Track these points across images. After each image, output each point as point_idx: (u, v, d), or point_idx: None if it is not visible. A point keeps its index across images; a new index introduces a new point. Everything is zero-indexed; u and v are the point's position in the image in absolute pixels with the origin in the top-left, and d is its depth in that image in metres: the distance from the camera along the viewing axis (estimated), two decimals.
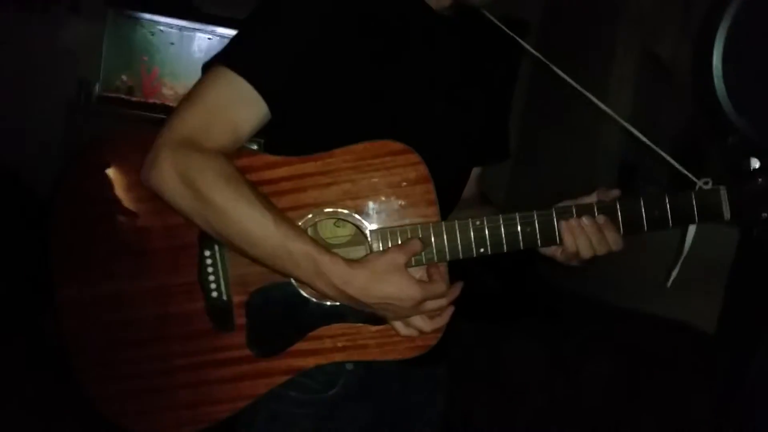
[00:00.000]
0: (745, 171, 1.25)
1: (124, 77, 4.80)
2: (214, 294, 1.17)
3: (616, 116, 1.40)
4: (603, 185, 1.32)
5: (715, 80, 1.48)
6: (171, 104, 4.60)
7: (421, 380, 1.35)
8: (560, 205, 1.22)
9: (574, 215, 1.19)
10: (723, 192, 1.20)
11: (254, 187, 1.10)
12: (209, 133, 1.09)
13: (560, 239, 1.19)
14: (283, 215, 1.09)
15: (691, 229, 1.27)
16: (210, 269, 1.17)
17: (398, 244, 1.13)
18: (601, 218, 1.19)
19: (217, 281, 1.17)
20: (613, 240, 1.19)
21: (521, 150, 3.16)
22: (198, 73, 1.15)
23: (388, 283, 1.08)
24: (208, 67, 1.13)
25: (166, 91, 4.84)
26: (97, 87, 4.66)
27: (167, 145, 1.08)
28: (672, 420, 2.27)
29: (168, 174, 1.07)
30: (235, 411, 1.19)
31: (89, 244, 1.20)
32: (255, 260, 1.12)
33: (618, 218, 1.21)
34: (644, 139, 1.39)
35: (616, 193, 1.24)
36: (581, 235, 1.18)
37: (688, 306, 2.18)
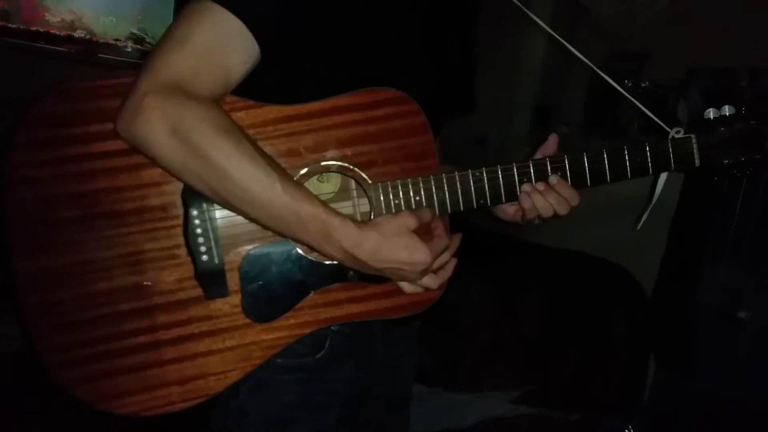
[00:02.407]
0: (707, 120, 1.31)
1: None
2: (205, 258, 1.06)
3: (584, 58, 1.41)
4: (519, 124, 1.33)
5: None
6: (57, 32, 4.08)
7: (402, 334, 1.34)
8: (537, 158, 1.21)
9: (567, 166, 1.19)
10: (694, 140, 1.25)
11: (255, 142, 0.99)
12: (199, 79, 0.97)
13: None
14: (287, 174, 1.00)
15: (662, 177, 1.32)
16: (198, 230, 1.06)
17: (410, 210, 1.09)
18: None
19: (207, 243, 1.06)
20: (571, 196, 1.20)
21: None
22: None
23: (399, 247, 1.03)
24: (187, 2, 0.99)
25: (50, 17, 4.25)
26: None
27: (153, 92, 0.94)
28: (597, 346, 2.45)
29: (157, 126, 0.94)
30: (229, 384, 1.10)
31: (49, 210, 1.04)
32: (254, 221, 1.02)
33: (606, 168, 1.22)
34: (615, 84, 1.41)
35: (553, 143, 1.23)
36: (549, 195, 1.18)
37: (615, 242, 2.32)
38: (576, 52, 1.39)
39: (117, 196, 1.05)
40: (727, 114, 1.29)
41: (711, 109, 1.32)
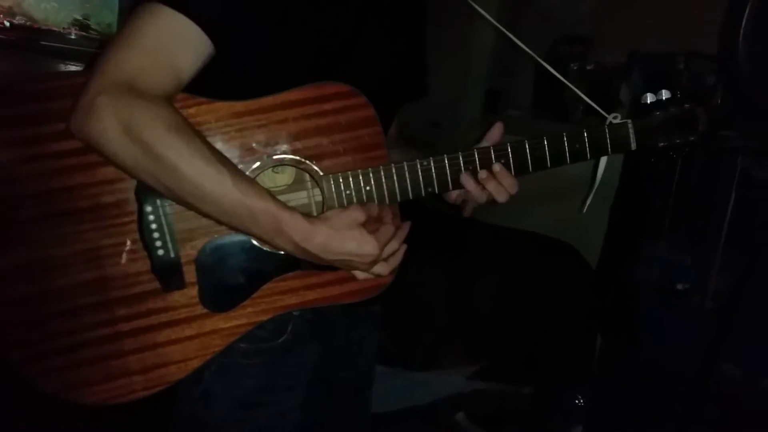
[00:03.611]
0: (643, 105, 1.38)
1: None
2: (160, 252, 1.09)
3: (527, 49, 1.46)
4: (471, 108, 1.38)
5: None
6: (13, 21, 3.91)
7: (363, 317, 1.39)
8: (482, 146, 1.26)
9: (510, 154, 1.25)
10: (630, 125, 1.31)
11: (206, 139, 1.02)
12: (150, 78, 0.99)
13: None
14: (239, 170, 1.04)
15: (603, 161, 1.39)
16: (153, 226, 1.08)
17: (358, 204, 1.13)
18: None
19: (162, 238, 1.09)
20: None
21: None
22: None
23: (348, 240, 1.07)
24: (140, 3, 1.01)
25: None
26: None
27: (105, 92, 0.96)
28: (547, 322, 2.56)
29: (109, 125, 0.96)
30: (189, 371, 1.13)
31: (6, 210, 1.05)
32: (207, 216, 1.06)
33: (546, 154, 1.28)
34: (556, 73, 1.47)
35: (497, 132, 1.29)
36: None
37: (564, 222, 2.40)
38: (516, 40, 1.45)
39: (73, 194, 1.07)
40: (663, 98, 1.36)
41: (648, 93, 1.38)
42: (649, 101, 1.37)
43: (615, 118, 1.34)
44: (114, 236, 1.08)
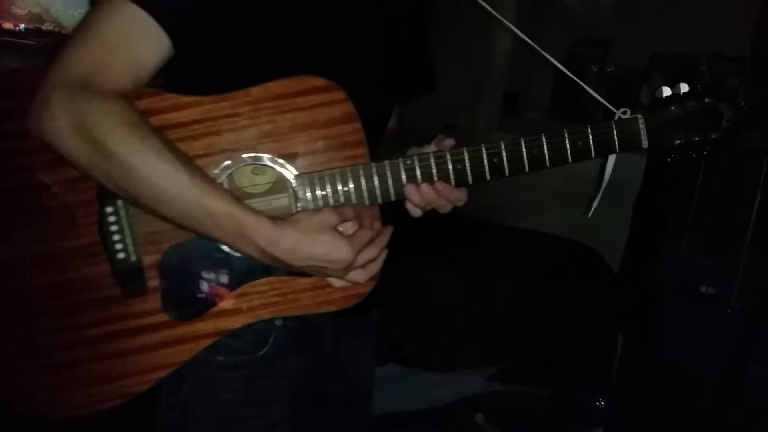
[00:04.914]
0: (658, 99, 1.27)
1: None
2: (121, 255, 1.03)
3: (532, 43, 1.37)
4: (488, 110, 1.30)
5: None
6: (27, 26, 3.98)
7: (354, 327, 1.31)
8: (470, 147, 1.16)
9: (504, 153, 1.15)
10: (641, 121, 1.20)
11: (164, 136, 0.96)
12: (107, 73, 0.95)
13: (474, 179, 1.14)
14: (199, 169, 0.97)
15: (611, 159, 1.28)
16: (114, 228, 1.03)
17: (331, 207, 1.05)
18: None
19: (122, 240, 1.03)
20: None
21: None
22: None
23: (318, 245, 1.00)
24: None
25: (16, 10, 4.14)
26: None
27: (60, 88, 0.92)
28: (567, 324, 2.50)
29: (62, 122, 0.92)
30: (154, 383, 1.07)
31: None
32: (166, 220, 0.99)
33: (545, 153, 1.18)
34: (566, 71, 1.37)
35: (450, 142, 1.17)
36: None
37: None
38: (527, 39, 1.36)
39: (35, 193, 1.02)
40: (681, 92, 1.25)
41: (664, 87, 1.27)
42: (664, 95, 1.26)
43: (624, 113, 1.23)
44: (76, 237, 1.03)
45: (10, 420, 1.11)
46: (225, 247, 1.05)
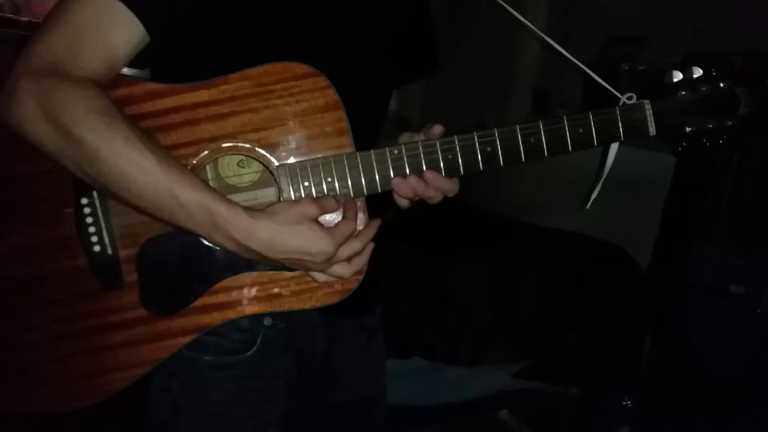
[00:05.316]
0: (668, 84, 1.19)
1: None
2: (97, 248, 1.01)
3: (541, 33, 1.31)
4: (517, 108, 1.25)
5: None
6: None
7: (352, 330, 1.26)
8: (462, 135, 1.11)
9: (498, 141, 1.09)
10: (648, 106, 1.13)
11: (135, 123, 0.93)
12: (78, 59, 0.92)
13: (465, 169, 1.08)
14: (170, 157, 0.94)
15: (613, 148, 1.20)
16: (89, 219, 1.00)
17: (313, 198, 1.01)
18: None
19: (99, 233, 1.01)
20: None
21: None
22: None
23: (295, 236, 0.96)
24: None
25: None
26: None
27: (28, 74, 0.90)
28: (595, 323, 2.46)
29: (29, 108, 0.90)
30: (134, 379, 1.04)
31: None
32: (138, 210, 0.96)
33: (542, 141, 1.12)
34: (572, 57, 1.30)
35: (439, 129, 1.11)
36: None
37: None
38: (545, 36, 1.29)
39: (6, 184, 1.00)
40: (694, 76, 1.17)
41: (674, 71, 1.19)
42: (674, 80, 1.18)
43: (630, 98, 1.16)
44: (52, 229, 1.01)
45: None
46: (205, 241, 1.02)
